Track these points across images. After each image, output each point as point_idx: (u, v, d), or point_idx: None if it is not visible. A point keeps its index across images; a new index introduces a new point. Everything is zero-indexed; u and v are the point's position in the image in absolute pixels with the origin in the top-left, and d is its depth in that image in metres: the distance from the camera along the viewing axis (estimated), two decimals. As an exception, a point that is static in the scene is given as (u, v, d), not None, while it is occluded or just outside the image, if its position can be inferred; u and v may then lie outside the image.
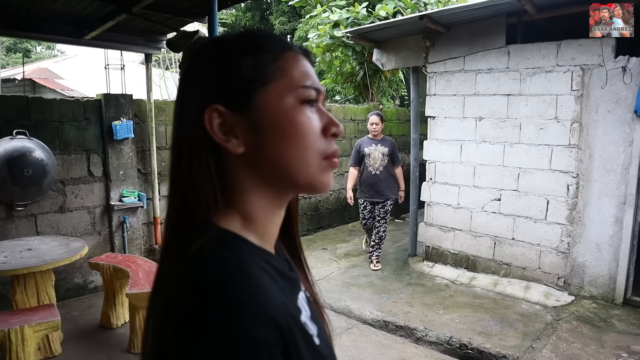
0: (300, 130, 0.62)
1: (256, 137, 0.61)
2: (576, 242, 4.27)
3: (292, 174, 0.63)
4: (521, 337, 3.59)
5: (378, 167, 5.01)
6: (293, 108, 0.62)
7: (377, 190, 5.05)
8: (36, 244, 3.53)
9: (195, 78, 0.64)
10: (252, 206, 0.64)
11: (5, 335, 2.74)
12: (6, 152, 3.87)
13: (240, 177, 0.63)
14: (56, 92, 10.50)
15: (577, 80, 4.11)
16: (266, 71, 0.63)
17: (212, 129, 0.60)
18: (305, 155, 0.63)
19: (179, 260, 0.57)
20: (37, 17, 4.26)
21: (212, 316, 0.50)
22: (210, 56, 0.64)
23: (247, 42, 0.65)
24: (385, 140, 5.13)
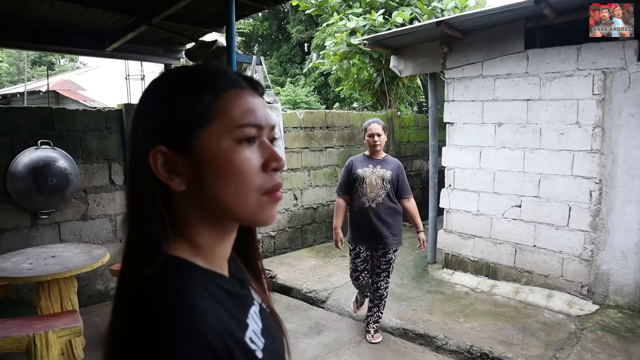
0: (236, 169, 0.65)
1: (196, 176, 0.64)
2: (600, 250, 4.17)
3: (231, 211, 0.66)
4: (544, 346, 3.52)
5: (375, 198, 3.54)
6: (230, 149, 0.65)
7: (374, 233, 3.55)
8: (60, 251, 3.60)
9: (143, 116, 0.67)
10: (199, 236, 0.68)
11: (30, 340, 2.80)
12: (31, 161, 3.97)
13: (186, 211, 0.67)
14: (79, 103, 10.76)
15: (599, 84, 4.04)
16: (206, 111, 0.65)
17: (156, 168, 0.64)
18: (243, 193, 0.65)
19: (128, 285, 0.61)
20: (61, 31, 4.40)
21: (147, 343, 0.54)
22: (156, 94, 0.68)
23: (189, 80, 0.67)
24: (388, 161, 3.65)
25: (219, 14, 4.06)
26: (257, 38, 20.02)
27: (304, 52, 18.71)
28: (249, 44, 19.99)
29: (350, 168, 3.66)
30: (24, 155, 3.97)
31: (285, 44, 18.84)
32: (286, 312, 4.34)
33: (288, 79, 16.79)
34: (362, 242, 3.61)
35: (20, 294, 4.01)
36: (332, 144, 6.62)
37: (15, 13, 4.04)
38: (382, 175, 3.56)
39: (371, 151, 3.64)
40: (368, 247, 3.63)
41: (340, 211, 3.70)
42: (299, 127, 6.17)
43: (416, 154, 8.18)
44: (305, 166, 6.29)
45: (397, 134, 7.67)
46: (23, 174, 3.93)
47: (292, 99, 13.70)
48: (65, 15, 4.08)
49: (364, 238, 3.60)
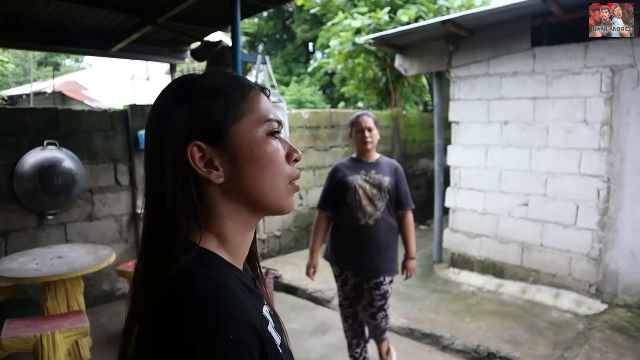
0: (271, 159, 0.72)
1: (233, 168, 0.70)
2: (608, 249, 4.13)
3: (265, 198, 0.72)
4: (552, 346, 3.49)
5: (372, 213, 2.75)
6: (263, 140, 0.71)
7: (367, 259, 2.76)
8: (66, 251, 3.61)
9: (171, 115, 0.69)
10: (227, 229, 0.72)
11: (37, 340, 2.80)
12: (37, 162, 3.98)
13: (218, 203, 0.70)
14: (84, 104, 10.79)
15: (607, 82, 4.00)
16: (236, 109, 0.71)
17: (194, 162, 0.67)
18: (276, 181, 0.72)
19: (164, 275, 0.63)
20: (67, 32, 4.42)
21: (201, 322, 0.57)
22: (185, 94, 0.71)
23: (215, 84, 0.72)
24: (383, 164, 2.87)
25: (224, 13, 4.06)
26: (261, 38, 20.03)
27: (308, 52, 18.70)
28: (254, 44, 20.00)
29: (337, 176, 2.84)
30: (30, 155, 3.99)
31: (290, 44, 18.83)
32: (292, 312, 4.34)
33: (293, 79, 16.79)
34: (350, 268, 2.84)
35: (27, 295, 4.03)
36: (337, 143, 6.60)
37: (21, 14, 4.06)
38: (379, 183, 2.77)
39: (361, 151, 2.84)
40: (356, 274, 2.85)
41: (320, 231, 2.92)
42: (304, 127, 6.16)
43: (422, 153, 8.15)
44: (310, 166, 6.28)
45: (403, 133, 7.64)
46: (29, 175, 3.95)
47: (297, 99, 13.70)
48: (71, 15, 4.09)
49: (354, 265, 2.81)
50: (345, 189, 2.79)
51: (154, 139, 0.71)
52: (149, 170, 0.71)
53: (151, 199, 0.70)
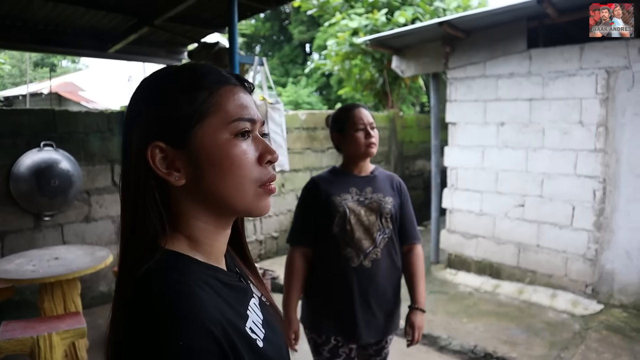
0: (235, 163, 0.67)
1: (195, 171, 0.66)
2: (604, 249, 4.16)
3: (230, 203, 0.68)
4: (548, 346, 3.51)
5: (370, 251, 1.91)
6: (227, 142, 0.67)
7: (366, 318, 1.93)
8: (63, 253, 3.60)
9: (137, 114, 0.68)
10: (196, 230, 0.69)
11: (34, 342, 2.80)
12: (34, 163, 3.97)
13: (184, 205, 0.68)
14: (81, 105, 10.77)
15: (602, 83, 4.03)
16: (202, 107, 0.67)
17: (154, 164, 0.65)
18: (241, 185, 0.68)
19: (128, 282, 0.63)
20: (64, 33, 4.41)
21: (151, 330, 0.56)
22: (150, 93, 0.69)
23: (184, 78, 0.69)
24: (381, 178, 2.03)
25: (221, 14, 4.06)
26: (258, 39, 20.03)
27: (305, 53, 18.71)
28: (251, 45, 20.00)
29: (317, 195, 1.95)
30: (27, 157, 3.98)
31: (287, 45, 18.84)
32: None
33: (290, 80, 16.80)
34: (340, 332, 1.93)
35: (24, 296, 4.02)
36: (334, 144, 6.60)
37: (18, 15, 4.05)
38: (378, 206, 1.93)
39: (359, 157, 1.94)
40: (348, 340, 1.95)
41: (295, 277, 1.97)
42: (301, 128, 6.17)
43: (418, 154, 8.16)
44: (308, 167, 6.29)
45: (400, 135, 7.66)
46: (26, 176, 3.94)
47: (294, 100, 13.72)
48: (68, 16, 4.09)
49: (344, 327, 1.91)
50: (329, 215, 1.90)
51: (123, 138, 0.69)
52: (120, 172, 0.70)
53: (121, 203, 0.68)
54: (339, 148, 2.01)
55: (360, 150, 1.92)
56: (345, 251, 1.89)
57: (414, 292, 2.05)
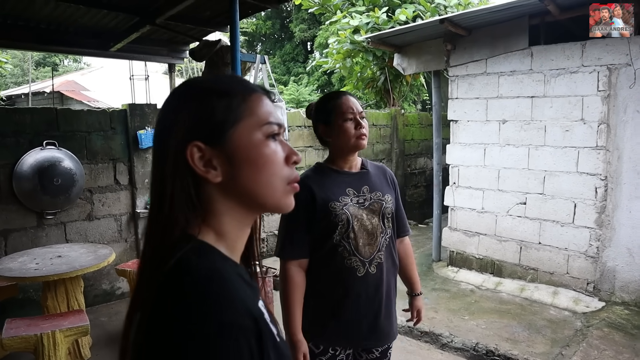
0: (268, 160, 0.74)
1: (231, 168, 0.72)
2: (606, 247, 4.16)
3: (262, 198, 0.75)
4: (550, 343, 3.51)
5: (372, 258, 1.76)
6: (261, 142, 0.74)
7: (370, 325, 1.81)
8: (65, 251, 3.62)
9: (175, 116, 0.73)
10: (225, 225, 0.75)
11: (38, 339, 2.82)
12: (37, 162, 3.99)
13: (216, 201, 0.74)
14: (83, 104, 10.79)
15: (604, 81, 4.02)
16: (237, 111, 0.73)
17: (193, 162, 0.70)
18: (273, 182, 0.74)
19: (162, 267, 0.65)
20: (66, 32, 4.42)
21: (198, 306, 0.60)
22: (188, 98, 0.75)
23: (219, 86, 0.76)
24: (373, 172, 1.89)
25: (222, 13, 4.07)
26: (260, 37, 20.02)
27: (307, 51, 18.69)
28: (252, 43, 19.99)
29: (311, 201, 1.74)
30: (30, 155, 4.00)
31: (288, 43, 18.83)
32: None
33: (291, 78, 16.79)
34: (344, 342, 1.83)
35: (27, 294, 4.04)
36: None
37: (20, 14, 4.06)
38: (380, 207, 1.80)
39: (348, 150, 1.77)
40: (352, 347, 1.87)
41: (298, 295, 1.77)
42: (303, 126, 6.17)
43: (420, 151, 8.16)
44: (310, 165, 6.27)
45: (401, 132, 7.66)
46: (29, 175, 3.96)
47: (295, 98, 13.71)
48: (70, 16, 4.09)
49: (349, 335, 1.81)
50: (330, 224, 1.72)
51: (158, 139, 0.74)
52: (153, 169, 0.74)
53: (154, 196, 0.73)
54: (324, 142, 1.82)
55: (350, 142, 1.73)
56: (349, 261, 1.73)
57: (412, 281, 2.07)
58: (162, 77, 11.57)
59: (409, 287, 2.09)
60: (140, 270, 0.72)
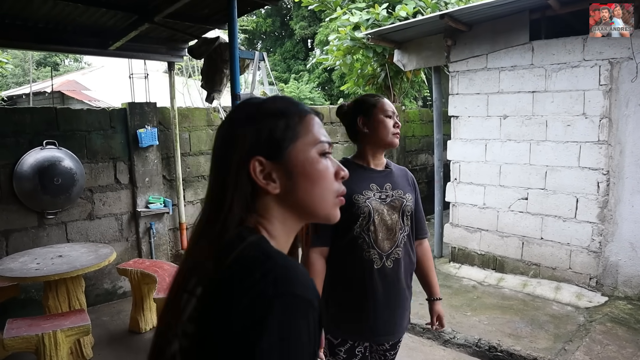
0: (322, 176, 0.82)
1: (289, 182, 0.80)
2: (608, 241, 4.14)
3: (315, 209, 0.82)
4: (553, 339, 3.50)
5: (389, 252, 1.85)
6: (315, 159, 0.82)
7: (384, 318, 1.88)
8: (66, 250, 3.62)
9: (239, 133, 0.80)
10: (276, 230, 0.81)
11: (39, 339, 2.81)
12: (37, 162, 3.99)
13: (272, 208, 0.81)
14: (83, 103, 10.79)
15: (606, 75, 4.00)
16: (295, 130, 0.81)
17: (255, 174, 0.78)
18: (325, 195, 0.83)
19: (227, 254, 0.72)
20: (64, 31, 4.40)
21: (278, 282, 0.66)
22: (252, 117, 0.82)
23: (278, 106, 0.83)
24: (397, 172, 1.98)
25: (221, 10, 4.04)
26: (260, 35, 19.99)
27: (307, 49, 18.66)
28: (253, 41, 19.97)
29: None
30: (30, 155, 3.99)
31: (288, 41, 18.80)
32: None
33: (292, 76, 16.77)
34: (360, 334, 1.89)
35: (29, 294, 4.04)
36: (336, 139, 6.60)
37: (18, 14, 4.05)
38: (400, 205, 1.87)
39: (382, 145, 1.87)
40: (366, 339, 1.92)
41: (318, 281, 1.82)
42: (303, 123, 6.15)
43: (421, 148, 8.14)
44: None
45: (402, 129, 7.60)
46: (29, 174, 3.95)
47: (296, 96, 13.69)
48: (68, 14, 4.08)
49: (366, 328, 1.87)
50: (352, 215, 1.80)
51: (222, 152, 0.81)
52: (213, 178, 0.82)
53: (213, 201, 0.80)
54: (355, 137, 1.91)
55: (387, 137, 1.84)
56: (368, 253, 1.81)
57: (431, 285, 2.11)
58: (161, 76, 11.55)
59: (428, 291, 2.13)
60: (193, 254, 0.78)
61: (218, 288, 0.69)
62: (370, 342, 1.94)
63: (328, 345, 1.92)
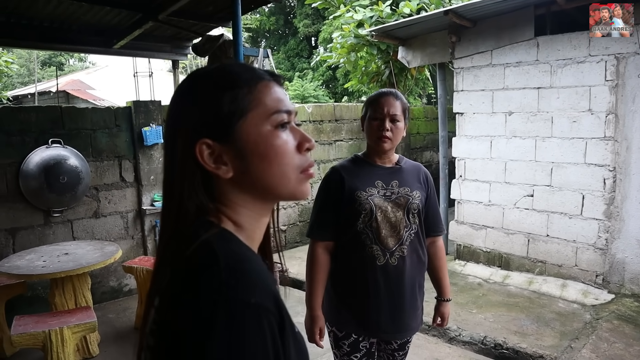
0: (279, 152, 0.72)
1: (242, 163, 0.71)
2: (615, 238, 4.11)
3: (275, 189, 0.73)
4: (559, 336, 3.48)
5: (396, 249, 1.82)
6: (270, 133, 0.71)
7: (389, 315, 1.86)
8: (72, 248, 3.63)
9: (181, 113, 0.72)
10: (242, 216, 0.74)
11: (46, 336, 2.83)
12: (42, 160, 4.01)
13: (231, 195, 0.73)
14: (88, 102, 10.83)
15: (612, 70, 3.97)
16: (243, 103, 0.71)
17: (202, 159, 0.69)
18: (285, 172, 0.73)
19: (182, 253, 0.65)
20: (69, 30, 4.42)
21: (222, 287, 0.59)
22: (193, 93, 0.73)
23: (224, 78, 0.73)
24: (408, 169, 1.92)
25: (225, 8, 4.05)
26: (264, 33, 19.98)
27: (311, 46, 18.64)
28: (256, 40, 19.97)
29: (340, 188, 1.84)
30: (36, 154, 4.01)
31: (292, 39, 18.78)
32: (298, 306, 4.34)
33: (296, 74, 16.76)
34: (364, 329, 1.87)
35: (35, 292, 4.06)
36: (341, 137, 6.60)
37: (23, 13, 4.07)
38: (406, 202, 1.83)
39: (374, 149, 1.87)
40: (370, 336, 1.91)
41: (320, 273, 1.86)
42: (308, 121, 6.16)
43: (426, 145, 8.13)
44: (315, 160, 6.27)
45: (407, 126, 7.61)
46: (35, 173, 3.97)
47: (300, 94, 13.69)
48: (73, 13, 4.09)
49: (369, 324, 1.86)
50: (354, 212, 1.80)
51: (167, 136, 0.74)
52: (164, 165, 0.74)
53: (165, 191, 0.73)
54: None
55: (370, 140, 1.85)
56: (371, 249, 1.80)
57: (441, 285, 2.08)
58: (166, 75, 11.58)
59: (438, 291, 2.10)
60: (157, 260, 0.72)
61: (168, 299, 0.63)
62: (375, 337, 1.92)
63: (333, 337, 1.95)
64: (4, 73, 9.78)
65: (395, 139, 1.82)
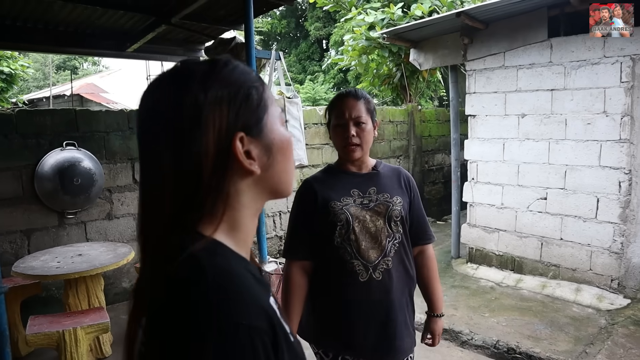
0: (290, 147, 0.73)
1: (267, 158, 0.69)
2: (630, 242, 4.05)
3: (285, 186, 0.73)
4: (573, 341, 3.44)
5: (377, 263, 1.64)
6: (283, 130, 0.72)
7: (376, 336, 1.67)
8: (86, 249, 3.67)
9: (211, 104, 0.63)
10: (242, 217, 0.69)
11: (60, 336, 2.86)
12: (57, 162, 4.06)
13: (242, 193, 0.68)
14: (102, 106, 10.95)
15: (627, 72, 3.91)
16: (265, 99, 0.69)
17: (240, 154, 0.64)
18: (292, 168, 0.75)
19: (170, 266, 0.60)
20: (83, 34, 4.48)
21: (212, 309, 0.55)
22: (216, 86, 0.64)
23: (248, 70, 0.70)
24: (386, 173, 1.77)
25: (237, 11, 4.07)
26: (275, 36, 20.07)
27: (322, 49, 18.68)
28: (268, 43, 20.06)
29: (313, 202, 1.70)
30: (50, 156, 4.06)
31: (303, 42, 18.85)
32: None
33: (307, 77, 16.80)
34: (351, 352, 1.68)
35: (50, 292, 4.11)
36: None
37: (39, 18, 4.13)
38: (386, 209, 1.68)
39: (344, 157, 1.74)
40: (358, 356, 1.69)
41: (296, 296, 1.71)
42: (319, 124, 6.16)
43: (438, 148, 8.08)
44: (326, 162, 6.27)
45: (418, 129, 7.59)
46: (50, 175, 4.02)
47: (311, 96, 13.72)
48: (87, 17, 4.15)
49: (355, 347, 1.68)
50: (329, 225, 1.65)
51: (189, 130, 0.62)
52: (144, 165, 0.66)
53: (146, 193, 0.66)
54: None
55: (338, 148, 1.71)
56: (351, 265, 1.63)
57: (431, 298, 1.88)
58: (179, 78, 11.63)
59: (429, 305, 1.90)
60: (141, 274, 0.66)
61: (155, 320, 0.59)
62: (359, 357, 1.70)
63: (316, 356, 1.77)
64: (20, 77, 9.93)
65: (364, 143, 1.67)
